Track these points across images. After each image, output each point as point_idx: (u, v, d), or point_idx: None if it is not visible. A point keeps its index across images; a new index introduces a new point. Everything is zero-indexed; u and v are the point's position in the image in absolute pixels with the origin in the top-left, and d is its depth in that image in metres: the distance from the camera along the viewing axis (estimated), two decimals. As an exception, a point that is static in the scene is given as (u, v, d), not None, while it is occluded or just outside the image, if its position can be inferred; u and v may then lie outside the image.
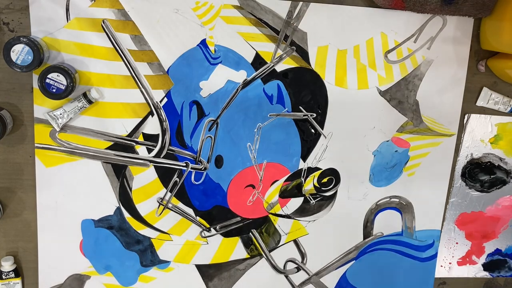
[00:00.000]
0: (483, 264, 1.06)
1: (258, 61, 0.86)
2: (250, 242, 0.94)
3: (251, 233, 0.94)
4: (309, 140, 0.91)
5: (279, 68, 0.87)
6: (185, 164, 0.88)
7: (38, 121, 0.83)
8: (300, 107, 0.89)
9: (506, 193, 1.02)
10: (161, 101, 0.85)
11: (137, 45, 0.82)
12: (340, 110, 0.91)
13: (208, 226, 0.92)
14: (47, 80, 0.76)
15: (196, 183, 0.89)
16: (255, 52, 0.86)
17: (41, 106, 0.82)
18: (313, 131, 0.91)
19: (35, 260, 0.89)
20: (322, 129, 0.91)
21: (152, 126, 0.86)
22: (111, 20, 0.81)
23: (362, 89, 0.90)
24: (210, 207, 0.91)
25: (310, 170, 0.93)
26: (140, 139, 0.86)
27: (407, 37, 0.90)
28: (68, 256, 0.89)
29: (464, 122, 0.96)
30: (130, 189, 0.88)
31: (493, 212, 1.03)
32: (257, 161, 0.90)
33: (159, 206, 0.89)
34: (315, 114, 0.90)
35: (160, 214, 0.89)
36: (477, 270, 1.07)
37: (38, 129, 0.83)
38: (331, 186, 0.94)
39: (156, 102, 0.85)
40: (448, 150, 0.97)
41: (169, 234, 0.91)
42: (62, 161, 0.85)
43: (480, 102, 0.96)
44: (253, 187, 0.91)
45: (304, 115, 0.90)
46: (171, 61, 0.84)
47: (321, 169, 0.93)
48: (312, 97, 0.89)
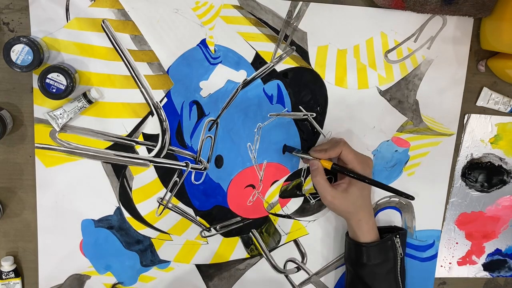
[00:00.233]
0: (483, 264, 1.06)
1: (258, 61, 0.86)
2: (250, 242, 0.94)
3: (251, 233, 0.94)
4: (309, 140, 0.91)
5: (279, 68, 0.87)
6: (185, 164, 0.88)
7: (38, 121, 0.83)
8: (300, 107, 0.89)
9: (506, 193, 1.02)
10: (161, 101, 0.85)
11: (137, 45, 0.82)
12: (340, 110, 0.91)
13: (208, 226, 0.92)
14: (47, 80, 0.76)
15: (196, 183, 0.89)
16: (255, 52, 0.86)
17: (41, 106, 0.82)
18: (313, 131, 0.91)
19: (35, 260, 0.89)
20: (322, 129, 0.91)
21: (152, 126, 0.86)
22: (111, 20, 0.81)
23: (362, 89, 0.90)
24: (210, 207, 0.91)
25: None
26: (140, 139, 0.86)
27: (407, 37, 0.90)
28: (68, 256, 0.89)
29: (464, 122, 0.96)
30: (130, 189, 0.88)
31: (493, 212, 1.03)
32: (257, 161, 0.90)
33: (159, 206, 0.89)
34: (315, 114, 0.90)
35: (160, 214, 0.89)
36: (477, 270, 1.06)
37: (38, 129, 0.83)
38: (331, 186, 0.94)
39: (156, 102, 0.85)
40: (448, 150, 0.97)
41: (169, 234, 0.91)
42: (62, 161, 0.85)
43: (480, 102, 0.96)
44: (253, 187, 0.91)
45: (304, 115, 0.90)
46: (171, 61, 0.84)
47: (321, 169, 0.93)
48: (312, 97, 0.89)
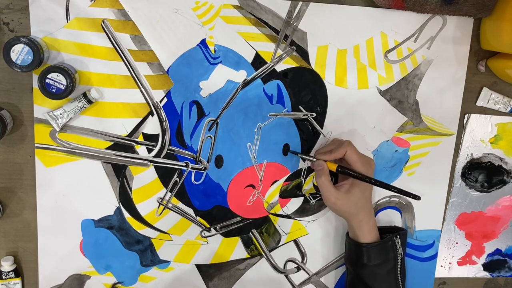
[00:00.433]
0: (483, 264, 1.06)
1: (258, 61, 0.86)
2: (250, 242, 0.94)
3: (251, 233, 0.94)
4: (309, 140, 0.91)
5: (279, 68, 0.87)
6: (185, 164, 0.88)
7: (38, 121, 0.83)
8: (300, 107, 0.89)
9: (506, 193, 1.02)
10: (161, 101, 0.85)
11: (137, 45, 0.82)
12: (340, 110, 0.91)
13: (208, 226, 0.92)
14: (47, 80, 0.76)
15: (196, 183, 0.89)
16: (255, 52, 0.86)
17: (41, 106, 0.82)
18: (313, 131, 0.91)
19: (35, 260, 0.89)
20: (322, 129, 0.91)
21: (152, 126, 0.86)
22: (111, 20, 0.81)
23: (362, 89, 0.90)
24: (210, 207, 0.91)
25: (310, 170, 0.93)
26: (140, 139, 0.86)
27: (407, 37, 0.90)
28: (68, 256, 0.89)
29: (464, 122, 0.96)
30: (130, 189, 0.88)
31: (493, 212, 1.03)
32: (257, 161, 0.90)
33: (159, 206, 0.89)
34: (315, 114, 0.90)
35: (160, 214, 0.89)
36: (477, 270, 1.06)
37: (38, 129, 0.83)
38: (331, 186, 0.94)
39: (156, 102, 0.85)
40: (448, 150, 0.97)
41: (169, 234, 0.91)
42: (62, 161, 0.85)
43: (480, 102, 0.96)
44: (253, 187, 0.91)
45: (304, 115, 0.90)
46: (171, 61, 0.84)
47: (321, 169, 0.93)
48: (312, 97, 0.89)
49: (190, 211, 0.90)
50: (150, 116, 0.85)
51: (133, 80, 0.83)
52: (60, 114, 0.80)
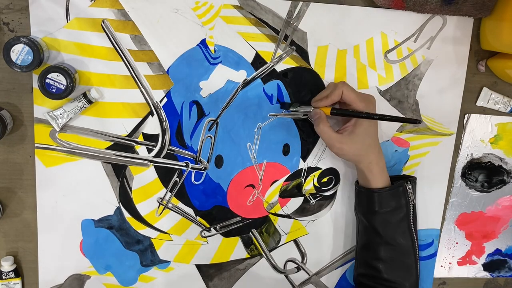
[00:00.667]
0: (483, 264, 1.06)
1: (258, 61, 0.86)
2: (250, 242, 0.94)
3: (251, 233, 0.94)
4: (309, 140, 0.91)
5: (279, 68, 0.87)
6: (185, 164, 0.88)
7: (38, 121, 0.83)
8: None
9: (506, 193, 1.02)
10: (161, 101, 0.85)
11: (137, 45, 0.82)
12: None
13: (208, 226, 0.92)
14: (47, 80, 0.76)
15: (196, 183, 0.89)
16: (255, 52, 0.86)
17: (41, 106, 0.82)
18: (313, 131, 0.91)
19: (35, 260, 0.89)
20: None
21: (152, 126, 0.86)
22: (111, 20, 0.81)
23: (362, 89, 0.90)
24: (210, 207, 0.91)
25: (310, 170, 0.93)
26: (140, 139, 0.86)
27: (407, 37, 0.90)
28: (68, 256, 0.89)
29: (464, 122, 0.96)
30: (130, 189, 0.88)
31: (493, 212, 1.03)
32: (257, 161, 0.90)
33: (159, 206, 0.89)
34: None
35: (160, 214, 0.89)
36: (477, 270, 1.06)
37: (38, 129, 0.83)
38: (331, 186, 0.94)
39: (156, 102, 0.85)
40: (447, 150, 0.97)
41: (169, 234, 0.91)
42: (62, 161, 0.85)
43: (480, 102, 0.96)
44: (253, 187, 0.91)
45: (304, 115, 0.90)
46: (171, 61, 0.84)
47: (321, 169, 0.93)
48: (312, 97, 0.88)
49: (190, 211, 0.90)
50: (150, 116, 0.85)
51: (133, 80, 0.83)
52: (60, 114, 0.80)
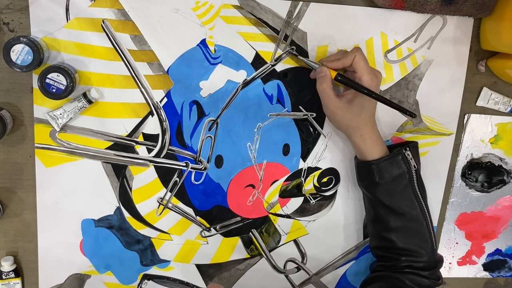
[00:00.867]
0: (483, 264, 1.06)
1: (258, 61, 0.86)
2: (250, 242, 0.94)
3: (251, 233, 0.94)
4: (309, 140, 0.92)
5: (279, 68, 0.87)
6: (185, 164, 0.88)
7: (38, 121, 0.83)
8: (300, 107, 0.89)
9: (506, 193, 1.02)
10: (161, 101, 0.85)
11: (137, 45, 0.82)
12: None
13: (208, 226, 0.92)
14: (47, 80, 0.76)
15: (196, 183, 0.89)
16: (255, 52, 0.86)
17: (41, 106, 0.82)
18: (313, 131, 0.91)
19: (35, 260, 0.89)
20: (322, 129, 0.91)
21: (152, 126, 0.86)
22: (111, 20, 0.81)
23: (362, 89, 0.90)
24: (210, 207, 0.91)
25: (310, 170, 0.93)
26: (140, 139, 0.86)
27: (407, 37, 0.90)
28: (68, 256, 0.89)
29: (464, 122, 0.96)
30: (130, 189, 0.88)
31: (493, 212, 1.03)
32: (257, 161, 0.90)
33: (159, 206, 0.89)
34: (315, 114, 0.90)
35: (160, 214, 0.89)
36: (477, 270, 1.07)
37: (38, 129, 0.83)
38: (331, 186, 0.94)
39: (156, 102, 0.85)
40: (446, 149, 0.97)
41: (169, 234, 0.91)
42: (62, 161, 0.85)
43: (480, 102, 0.96)
44: (253, 187, 0.91)
45: (304, 115, 0.90)
46: (171, 61, 0.84)
47: (321, 169, 0.93)
48: (312, 97, 0.89)
49: (190, 211, 0.90)
50: (150, 116, 0.85)
51: (133, 80, 0.83)
52: (60, 114, 0.80)
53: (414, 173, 0.83)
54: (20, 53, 0.74)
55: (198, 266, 0.93)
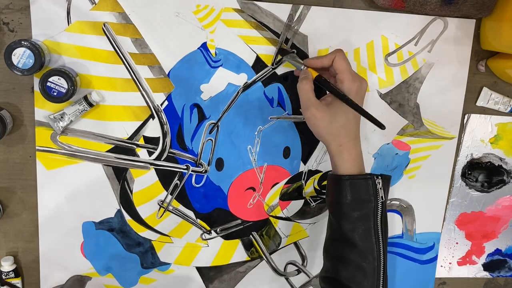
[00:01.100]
0: (483, 264, 1.07)
1: (259, 64, 0.86)
2: (251, 245, 0.94)
3: (252, 236, 0.94)
4: (310, 143, 0.92)
5: (280, 71, 0.87)
6: (186, 167, 0.88)
7: (39, 124, 0.83)
8: (301, 110, 0.89)
9: (506, 193, 1.02)
10: (162, 104, 0.85)
11: (138, 48, 0.82)
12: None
13: (209, 229, 0.92)
14: (48, 84, 0.76)
15: (197, 186, 0.89)
16: (256, 55, 0.86)
17: (42, 109, 0.82)
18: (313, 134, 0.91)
19: (35, 260, 0.89)
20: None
21: (153, 129, 0.86)
22: (112, 23, 0.81)
23: (363, 92, 0.90)
24: (211, 210, 0.91)
25: (311, 173, 0.93)
26: (141, 142, 0.86)
27: (408, 40, 0.90)
28: (69, 258, 0.89)
29: (464, 122, 0.96)
30: (131, 192, 0.88)
31: (493, 212, 1.03)
32: (258, 164, 0.90)
33: (160, 209, 0.89)
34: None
35: (161, 217, 0.90)
36: (477, 270, 1.07)
37: (39, 132, 0.83)
38: (332, 189, 0.94)
39: (157, 105, 0.85)
40: (449, 153, 0.97)
41: (170, 237, 0.91)
42: (63, 164, 0.85)
43: (480, 102, 0.96)
44: (254, 190, 0.92)
45: (301, 117, 0.90)
46: (172, 64, 0.84)
47: (322, 172, 0.93)
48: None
49: (191, 214, 0.91)
50: (151, 119, 0.85)
51: (134, 83, 0.83)
52: (61, 117, 0.81)
53: (380, 205, 0.75)
54: (22, 57, 0.74)
55: (199, 269, 0.94)
